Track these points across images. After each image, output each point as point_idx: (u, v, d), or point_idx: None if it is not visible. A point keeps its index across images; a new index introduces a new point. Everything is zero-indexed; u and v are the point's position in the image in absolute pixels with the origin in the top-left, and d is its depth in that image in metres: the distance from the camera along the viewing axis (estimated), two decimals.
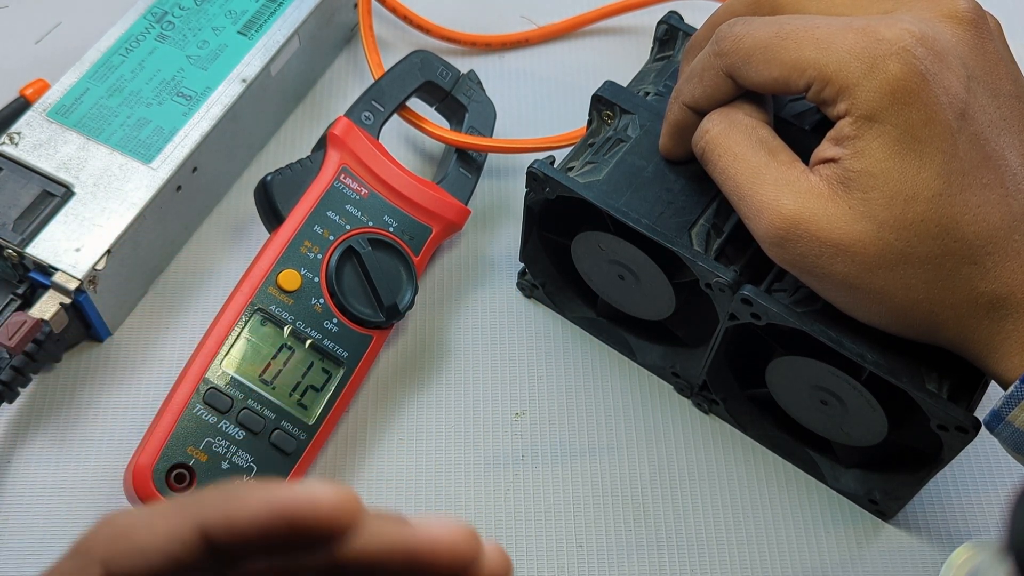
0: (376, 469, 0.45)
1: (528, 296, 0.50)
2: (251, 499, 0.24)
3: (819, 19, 0.37)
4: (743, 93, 0.39)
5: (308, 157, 0.46)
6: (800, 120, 0.43)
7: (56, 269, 0.43)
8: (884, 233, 0.35)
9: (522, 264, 0.48)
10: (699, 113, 0.40)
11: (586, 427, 0.47)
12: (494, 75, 0.56)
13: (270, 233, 0.44)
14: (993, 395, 0.44)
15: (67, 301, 0.43)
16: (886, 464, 0.44)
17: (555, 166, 0.43)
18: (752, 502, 0.45)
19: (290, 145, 0.54)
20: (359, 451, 0.45)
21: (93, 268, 0.44)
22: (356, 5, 0.55)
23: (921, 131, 0.34)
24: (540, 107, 0.56)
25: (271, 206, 0.44)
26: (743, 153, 0.38)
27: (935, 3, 0.37)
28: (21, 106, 0.48)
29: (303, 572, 0.25)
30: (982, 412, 0.37)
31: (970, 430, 0.37)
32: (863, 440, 0.42)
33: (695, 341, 0.45)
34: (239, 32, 0.51)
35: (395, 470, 0.45)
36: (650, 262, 0.42)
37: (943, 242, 0.35)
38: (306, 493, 0.24)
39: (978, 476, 0.46)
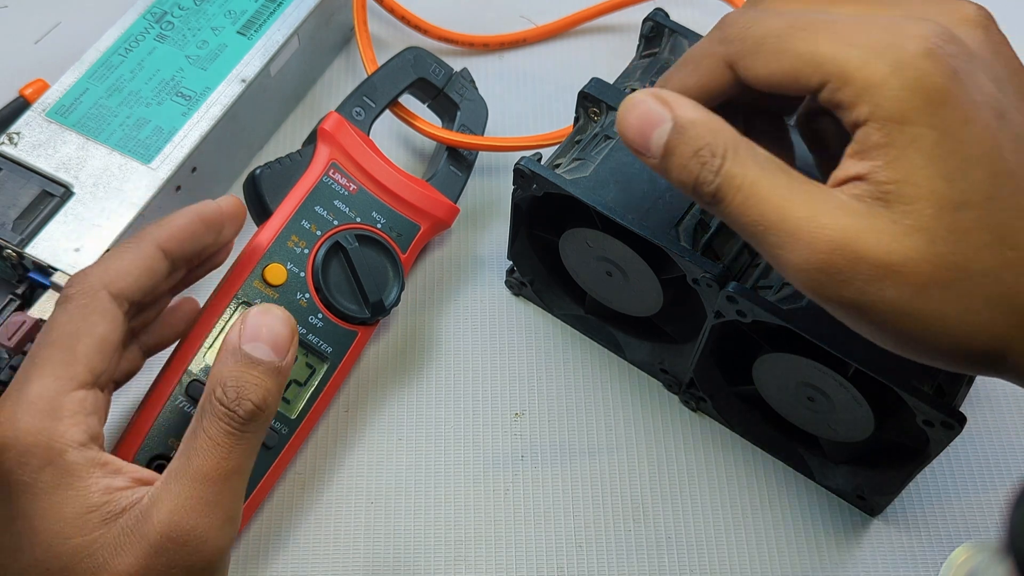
0: (375, 469, 0.45)
1: (516, 294, 0.50)
2: (179, 217, 0.38)
3: (838, 14, 0.33)
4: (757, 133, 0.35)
5: (298, 151, 0.46)
6: None
7: (55, 269, 0.44)
8: (937, 246, 0.31)
9: (510, 262, 0.48)
10: None
11: (585, 427, 0.46)
12: (492, 75, 0.56)
13: (258, 226, 0.44)
14: (981, 390, 0.43)
15: None
16: (874, 460, 0.43)
17: (542, 163, 0.43)
18: (752, 502, 0.45)
19: (289, 145, 0.54)
20: (359, 451, 0.45)
21: None
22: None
23: (961, 131, 0.31)
24: (534, 106, 0.56)
25: (259, 199, 0.44)
26: (758, 179, 0.33)
27: (946, 9, 0.34)
28: (20, 106, 0.49)
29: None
30: (967, 407, 0.37)
31: (955, 425, 0.37)
32: (850, 436, 0.41)
33: (683, 337, 0.45)
34: (238, 32, 0.51)
35: (394, 470, 0.45)
36: (637, 258, 0.42)
37: (1000, 252, 0.31)
38: (209, 202, 0.39)
39: (978, 476, 0.45)
